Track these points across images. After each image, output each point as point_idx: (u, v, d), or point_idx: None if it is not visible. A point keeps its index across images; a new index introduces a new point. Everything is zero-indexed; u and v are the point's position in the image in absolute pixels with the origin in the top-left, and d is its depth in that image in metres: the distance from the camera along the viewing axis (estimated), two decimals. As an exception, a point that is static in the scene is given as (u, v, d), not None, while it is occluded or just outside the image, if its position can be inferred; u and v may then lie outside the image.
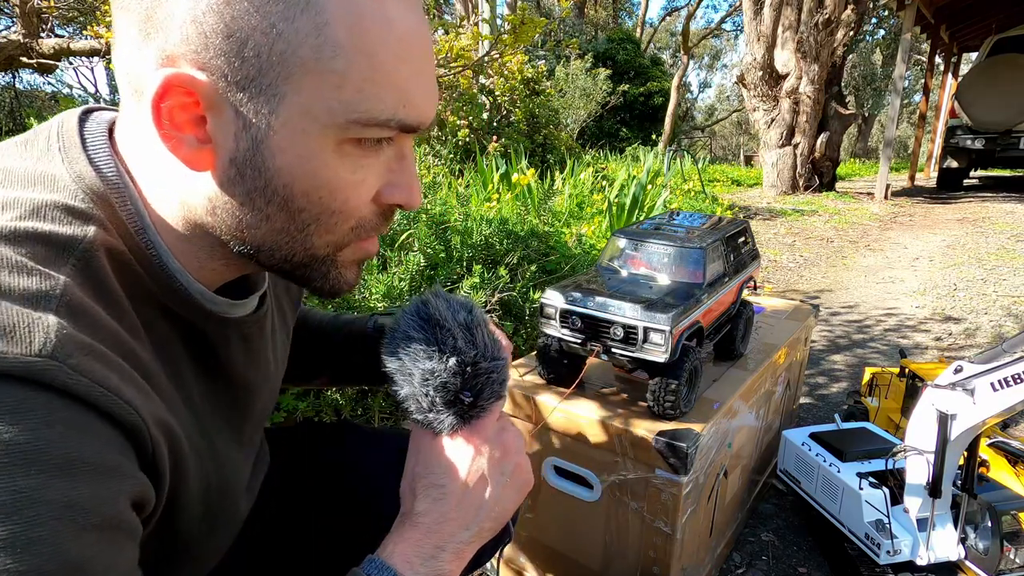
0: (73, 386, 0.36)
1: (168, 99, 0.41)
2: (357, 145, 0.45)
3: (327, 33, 0.41)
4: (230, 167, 0.44)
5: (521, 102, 5.69)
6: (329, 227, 0.48)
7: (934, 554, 1.22)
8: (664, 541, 1.10)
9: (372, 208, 0.50)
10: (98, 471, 0.37)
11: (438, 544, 0.55)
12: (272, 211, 0.46)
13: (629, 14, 24.61)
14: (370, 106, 0.43)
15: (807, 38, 7.88)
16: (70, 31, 4.53)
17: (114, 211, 0.45)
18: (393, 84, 0.44)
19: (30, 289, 0.37)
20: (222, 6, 0.39)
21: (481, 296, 1.87)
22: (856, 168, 16.40)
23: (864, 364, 2.70)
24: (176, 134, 0.42)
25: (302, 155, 0.44)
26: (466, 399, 0.56)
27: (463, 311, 0.57)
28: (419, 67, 0.45)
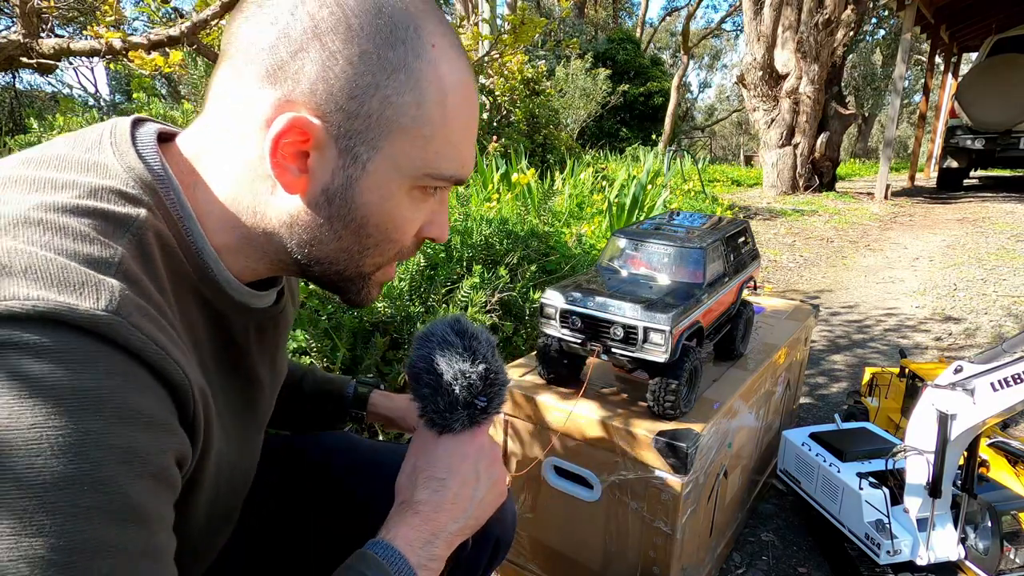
0: (133, 342, 0.40)
1: (287, 137, 0.49)
2: (422, 191, 0.57)
3: (424, 108, 0.51)
4: (320, 195, 0.53)
5: (521, 102, 5.69)
6: (383, 252, 0.59)
7: (934, 554, 1.22)
8: (664, 541, 1.10)
9: (413, 240, 0.61)
10: (153, 424, 0.41)
11: (434, 531, 0.60)
12: (345, 234, 0.55)
13: (629, 14, 24.61)
14: (441, 165, 0.55)
15: (807, 38, 7.88)
16: (70, 31, 4.53)
17: (159, 199, 0.51)
18: (458, 150, 0.56)
19: (93, 255, 0.42)
20: (351, 73, 0.49)
21: (481, 296, 1.87)
22: (856, 168, 16.40)
23: (864, 364, 2.70)
24: (283, 163, 0.51)
25: (384, 195, 0.54)
26: (480, 403, 0.64)
27: (483, 333, 0.66)
28: (472, 134, 0.58)
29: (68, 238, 0.42)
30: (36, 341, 0.37)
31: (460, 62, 0.54)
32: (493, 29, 4.50)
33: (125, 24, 2.00)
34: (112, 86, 6.82)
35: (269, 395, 0.70)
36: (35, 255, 0.39)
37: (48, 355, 0.37)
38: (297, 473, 0.89)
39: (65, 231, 0.42)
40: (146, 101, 2.15)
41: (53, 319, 0.37)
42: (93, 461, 0.36)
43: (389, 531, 0.59)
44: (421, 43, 0.51)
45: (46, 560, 0.35)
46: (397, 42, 0.50)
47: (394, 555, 0.57)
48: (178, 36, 1.92)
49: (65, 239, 0.42)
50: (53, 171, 0.48)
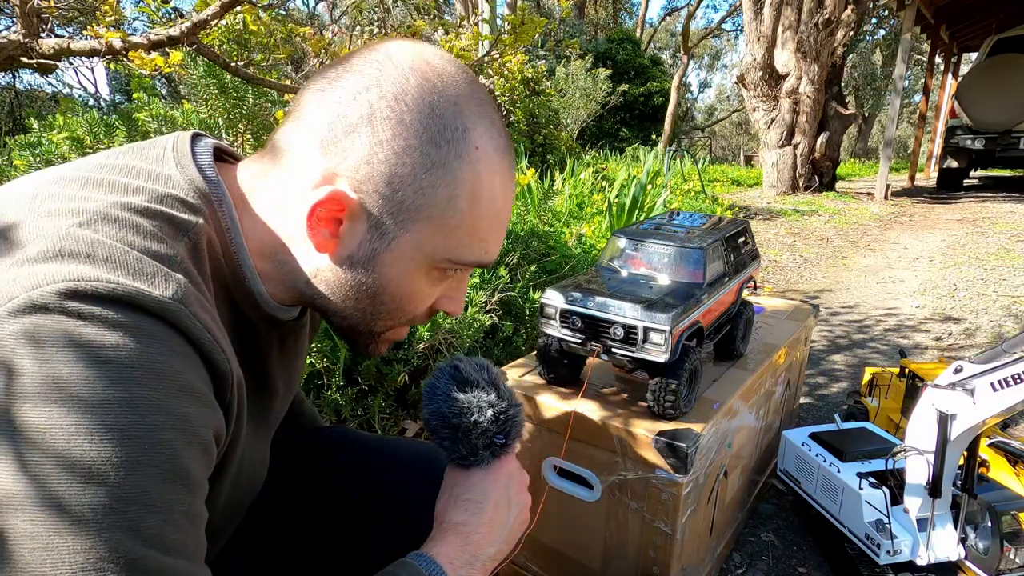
0: (192, 328, 0.46)
1: (324, 206, 0.54)
2: (440, 271, 0.60)
3: (455, 202, 0.55)
4: (346, 259, 0.57)
5: (521, 102, 5.68)
6: (395, 318, 0.62)
7: (934, 554, 1.22)
8: (664, 541, 1.10)
9: (426, 310, 0.65)
10: (203, 400, 0.46)
11: (474, 554, 0.64)
12: (362, 297, 0.60)
13: (629, 14, 24.60)
14: (462, 252, 0.58)
15: (807, 38, 7.88)
16: (70, 31, 4.53)
17: (212, 209, 0.57)
18: (482, 241, 0.59)
19: (161, 252, 0.48)
20: (393, 162, 0.53)
21: (481, 296, 1.87)
22: (856, 168, 16.39)
23: (864, 364, 2.70)
24: (317, 226, 0.56)
25: (403, 271, 0.58)
26: (499, 441, 0.68)
27: (484, 370, 0.69)
28: (503, 227, 0.61)
29: (140, 235, 0.48)
30: (114, 317, 0.42)
31: (501, 164, 0.58)
32: (493, 29, 4.50)
33: (125, 24, 2.00)
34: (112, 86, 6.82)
35: (281, 404, 0.74)
36: (115, 247, 0.45)
37: (122, 329, 0.42)
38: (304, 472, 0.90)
39: (137, 229, 0.49)
40: (146, 101, 2.14)
41: (129, 301, 0.43)
42: (154, 424, 0.41)
43: (432, 547, 0.62)
44: (466, 144, 0.55)
45: (106, 508, 0.39)
46: (443, 141, 0.54)
47: (435, 569, 0.60)
48: (178, 36, 1.92)
49: (138, 236, 0.48)
50: (125, 177, 0.54)
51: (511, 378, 1.27)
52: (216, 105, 2.18)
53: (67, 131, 1.94)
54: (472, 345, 1.86)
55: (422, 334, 1.74)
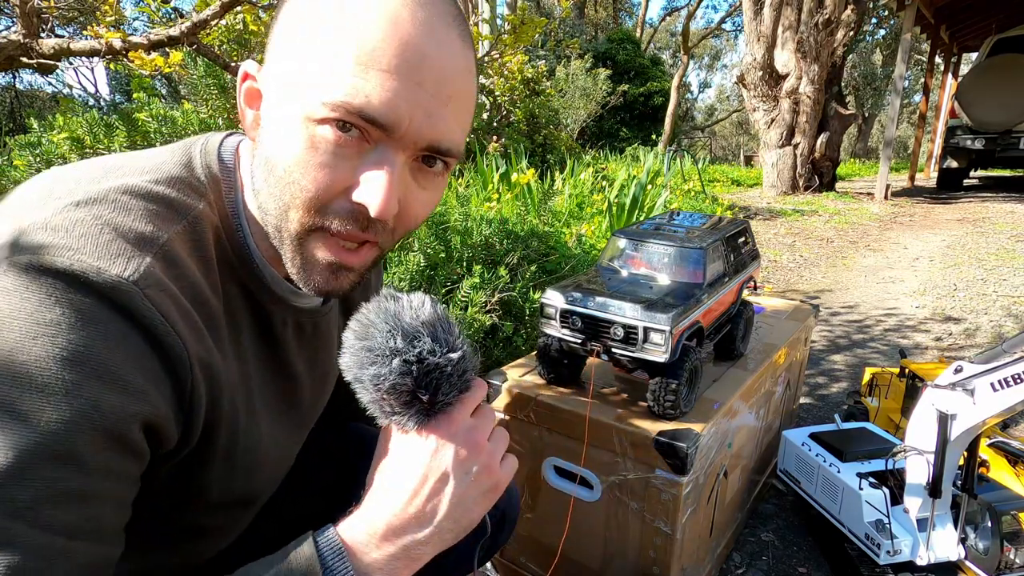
0: (142, 310, 0.45)
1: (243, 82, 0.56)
2: (335, 129, 0.50)
3: (301, 16, 0.51)
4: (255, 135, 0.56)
5: (521, 102, 5.69)
6: (296, 200, 0.52)
7: (934, 554, 1.22)
8: (664, 541, 1.10)
9: (343, 202, 0.53)
10: (127, 389, 0.44)
11: (386, 537, 0.53)
12: (268, 176, 0.54)
13: (629, 14, 24.60)
14: (329, 83, 0.49)
15: (807, 38, 7.88)
16: (70, 31, 4.52)
17: (220, 194, 0.57)
18: (347, 70, 0.49)
19: (144, 234, 0.49)
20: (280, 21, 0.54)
21: (481, 296, 1.87)
22: (856, 168, 16.39)
23: (864, 364, 2.70)
24: (246, 108, 0.56)
25: (281, 125, 0.52)
26: (423, 397, 0.54)
27: (410, 308, 0.55)
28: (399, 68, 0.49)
29: (128, 216, 0.49)
30: (59, 293, 0.42)
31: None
32: (493, 29, 4.50)
33: (125, 24, 2.00)
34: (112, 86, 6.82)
35: (311, 394, 0.72)
36: (93, 227, 0.46)
37: (63, 306, 0.42)
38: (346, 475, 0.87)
39: (127, 210, 0.49)
40: (146, 101, 2.15)
41: (81, 278, 0.43)
42: (56, 404, 0.41)
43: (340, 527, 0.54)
44: None
45: None
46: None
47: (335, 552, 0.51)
48: (178, 36, 1.91)
49: (125, 217, 0.49)
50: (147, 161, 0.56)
51: (511, 378, 1.27)
52: (216, 105, 2.18)
53: (67, 131, 1.94)
54: (472, 345, 1.86)
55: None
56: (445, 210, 2.32)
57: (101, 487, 0.44)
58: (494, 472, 0.58)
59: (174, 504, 0.58)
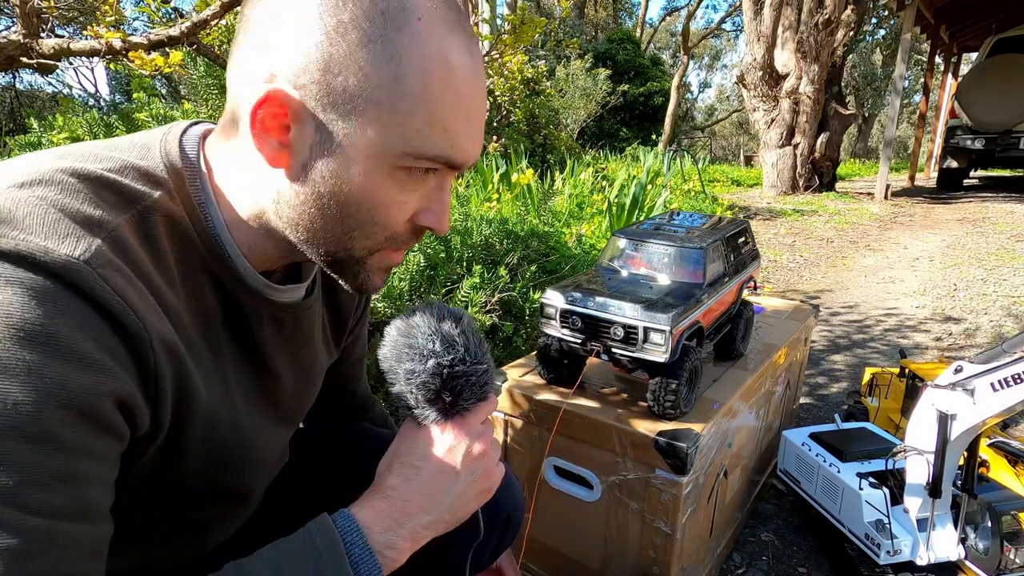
0: (96, 289, 0.44)
1: (264, 108, 0.50)
2: (407, 172, 0.54)
3: (403, 82, 0.50)
4: (301, 171, 0.53)
5: (521, 102, 5.69)
6: (369, 234, 0.56)
7: (934, 554, 1.22)
8: (664, 541, 1.10)
9: (407, 226, 0.58)
10: (93, 366, 0.43)
11: (398, 520, 0.58)
12: (328, 213, 0.54)
13: (629, 14, 24.59)
14: (424, 144, 0.52)
15: (807, 38, 7.87)
16: (70, 31, 4.52)
17: (183, 183, 0.55)
18: (446, 130, 0.53)
19: (92, 217, 0.47)
20: (325, 44, 0.48)
21: (481, 296, 1.87)
22: (856, 168, 16.39)
23: (864, 364, 2.70)
24: (264, 135, 0.51)
25: (362, 173, 0.52)
26: (447, 398, 0.62)
27: (450, 319, 0.63)
28: (471, 116, 0.55)
29: (75, 199, 0.47)
30: (8, 273, 0.41)
31: (452, 39, 0.52)
32: (493, 29, 4.50)
33: (125, 24, 2.00)
34: (112, 86, 6.83)
35: (295, 388, 0.71)
36: (38, 207, 0.45)
37: (13, 286, 0.41)
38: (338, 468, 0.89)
39: (75, 193, 0.48)
40: (146, 101, 2.15)
41: (29, 258, 0.42)
42: (20, 384, 0.40)
43: (356, 507, 0.58)
44: (405, 16, 0.49)
45: None
46: (377, 14, 0.49)
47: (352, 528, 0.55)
48: (178, 36, 1.92)
49: (72, 199, 0.47)
50: (104, 149, 0.54)
51: (511, 378, 1.27)
52: (216, 105, 2.18)
53: (67, 131, 1.94)
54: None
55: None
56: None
57: (83, 467, 0.44)
58: (492, 476, 0.65)
59: (164, 498, 0.58)
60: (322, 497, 0.85)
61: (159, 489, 0.56)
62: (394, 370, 0.62)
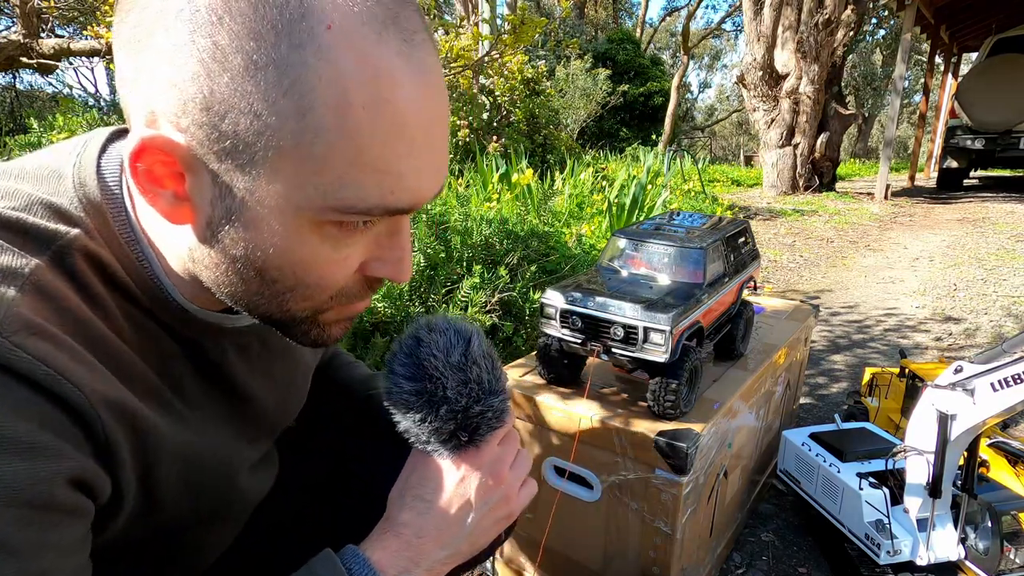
0: (13, 362, 0.36)
1: (144, 159, 0.41)
2: (339, 227, 0.44)
3: (310, 118, 0.38)
4: (207, 228, 0.43)
5: (521, 102, 5.69)
6: (306, 296, 0.47)
7: (934, 554, 1.22)
8: (664, 541, 1.10)
9: (356, 279, 0.49)
10: (31, 451, 0.36)
11: (414, 559, 0.55)
12: (248, 276, 0.45)
13: (629, 14, 24.60)
14: (350, 194, 0.41)
15: (807, 38, 7.88)
16: (70, 31, 4.52)
17: (106, 221, 0.46)
18: (380, 170, 0.41)
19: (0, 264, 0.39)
20: (202, 78, 0.37)
21: (481, 296, 1.87)
22: (856, 168, 16.39)
23: (864, 364, 2.70)
24: (154, 188, 0.42)
25: (276, 232, 0.42)
26: (463, 438, 0.58)
27: (459, 346, 0.56)
28: (415, 142, 0.42)
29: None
30: None
31: (382, 44, 0.39)
32: (493, 29, 4.50)
33: (125, 24, 2.00)
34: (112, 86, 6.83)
35: (275, 408, 0.68)
36: None
37: None
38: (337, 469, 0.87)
39: None
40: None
41: None
42: None
43: (369, 546, 0.55)
44: (307, 25, 0.37)
45: None
46: (266, 28, 0.36)
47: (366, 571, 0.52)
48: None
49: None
50: (10, 180, 0.45)
51: (511, 378, 1.27)
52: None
53: (67, 131, 1.95)
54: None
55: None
56: (445, 210, 2.32)
57: (47, 563, 0.38)
58: (511, 501, 0.62)
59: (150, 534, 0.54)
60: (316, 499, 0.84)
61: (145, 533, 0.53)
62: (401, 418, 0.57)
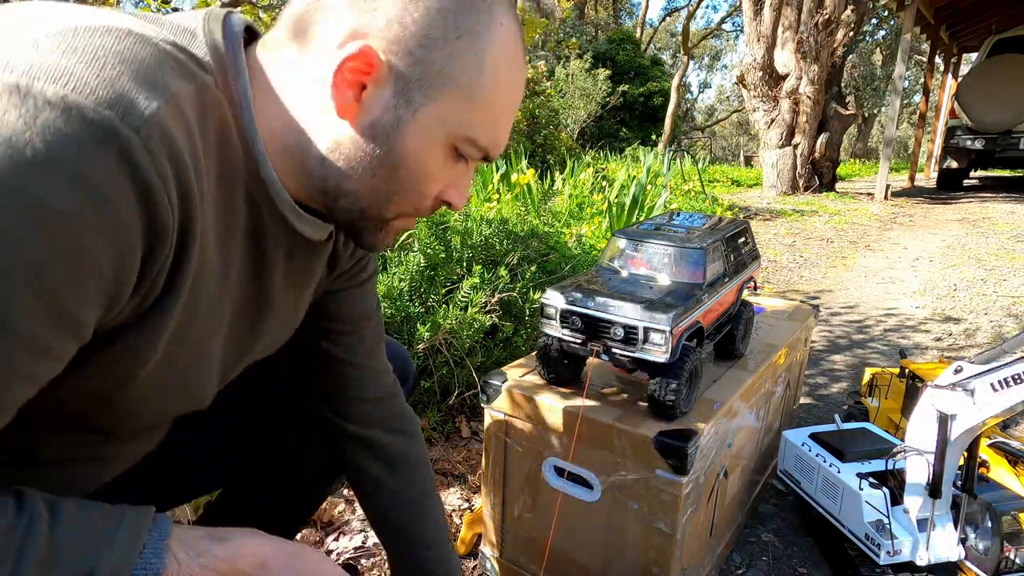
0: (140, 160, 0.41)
1: (353, 61, 0.52)
2: (454, 153, 0.58)
3: (481, 76, 0.55)
4: (368, 127, 0.54)
5: (521, 102, 5.68)
6: (406, 201, 0.60)
7: (934, 554, 1.22)
8: (664, 541, 1.10)
9: (434, 198, 0.62)
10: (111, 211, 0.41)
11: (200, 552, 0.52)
12: (380, 172, 0.57)
13: (629, 14, 24.61)
14: (480, 133, 0.57)
15: (807, 38, 7.88)
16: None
17: (227, 81, 0.53)
18: (497, 125, 0.59)
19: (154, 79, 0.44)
20: (425, 23, 0.52)
21: (481, 296, 1.87)
22: (856, 168, 16.40)
23: (864, 364, 2.70)
24: (342, 85, 0.53)
25: (424, 146, 0.56)
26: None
27: None
28: (511, 116, 0.61)
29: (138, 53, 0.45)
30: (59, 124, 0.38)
31: (517, 48, 0.58)
32: (493, 29, 4.50)
33: (125, 24, 1.99)
34: (112, 86, 6.81)
35: (281, 327, 0.70)
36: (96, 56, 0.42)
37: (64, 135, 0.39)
38: None
39: (138, 47, 0.45)
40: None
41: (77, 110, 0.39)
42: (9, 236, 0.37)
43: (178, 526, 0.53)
44: (492, 18, 0.54)
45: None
46: (472, 10, 0.54)
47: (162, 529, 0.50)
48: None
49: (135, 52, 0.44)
50: (152, 25, 0.50)
51: (511, 378, 1.27)
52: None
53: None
54: (472, 345, 1.86)
55: (422, 334, 1.74)
56: (445, 210, 2.32)
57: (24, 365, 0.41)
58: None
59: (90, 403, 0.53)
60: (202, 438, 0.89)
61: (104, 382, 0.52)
62: None
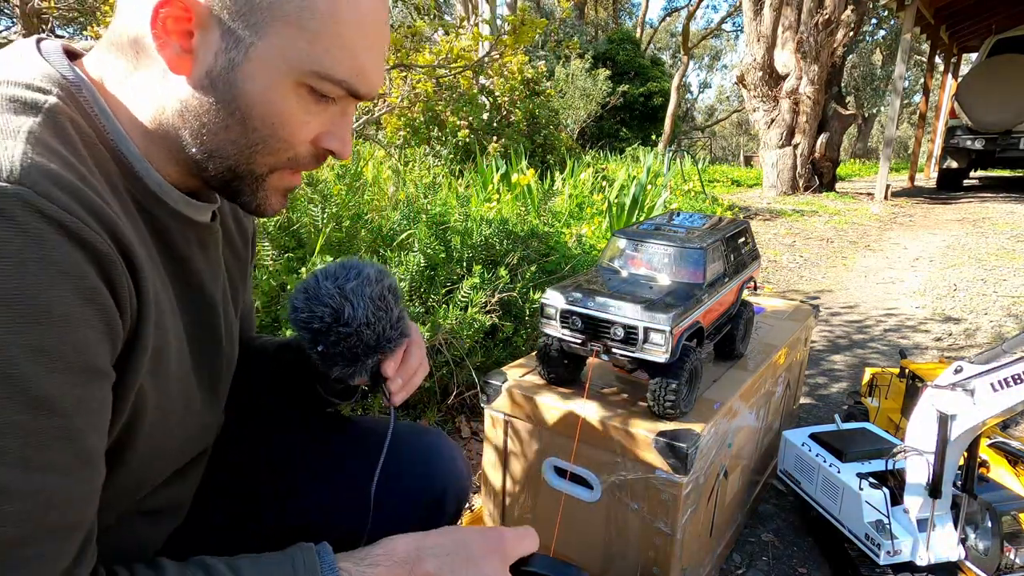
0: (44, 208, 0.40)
1: (166, 8, 0.49)
2: (311, 92, 0.55)
3: None
4: (204, 78, 0.52)
5: (521, 102, 5.69)
6: (272, 150, 0.57)
7: (934, 554, 1.22)
8: (664, 541, 1.10)
9: (309, 148, 0.59)
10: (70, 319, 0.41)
11: None
12: (231, 123, 0.54)
13: (629, 14, 24.62)
14: (330, 65, 0.53)
15: (807, 38, 7.88)
16: (70, 31, 4.53)
17: (71, 94, 0.50)
18: (352, 55, 0.54)
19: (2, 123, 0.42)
20: None
21: (481, 296, 1.87)
22: (856, 168, 16.39)
23: (864, 364, 2.70)
24: (165, 38, 0.50)
25: (267, 86, 0.53)
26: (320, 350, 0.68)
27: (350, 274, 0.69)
28: (374, 47, 0.56)
29: None
30: None
31: None
32: (493, 30, 4.50)
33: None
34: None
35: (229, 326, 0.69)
36: None
37: None
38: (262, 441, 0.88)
39: None
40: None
41: None
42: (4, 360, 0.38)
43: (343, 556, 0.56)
44: None
45: None
46: None
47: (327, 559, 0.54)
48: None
49: None
50: None
51: (511, 378, 1.27)
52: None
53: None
54: (472, 345, 1.86)
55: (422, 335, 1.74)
56: (445, 210, 2.32)
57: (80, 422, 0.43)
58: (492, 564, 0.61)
59: None
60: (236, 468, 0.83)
61: None
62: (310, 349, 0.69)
